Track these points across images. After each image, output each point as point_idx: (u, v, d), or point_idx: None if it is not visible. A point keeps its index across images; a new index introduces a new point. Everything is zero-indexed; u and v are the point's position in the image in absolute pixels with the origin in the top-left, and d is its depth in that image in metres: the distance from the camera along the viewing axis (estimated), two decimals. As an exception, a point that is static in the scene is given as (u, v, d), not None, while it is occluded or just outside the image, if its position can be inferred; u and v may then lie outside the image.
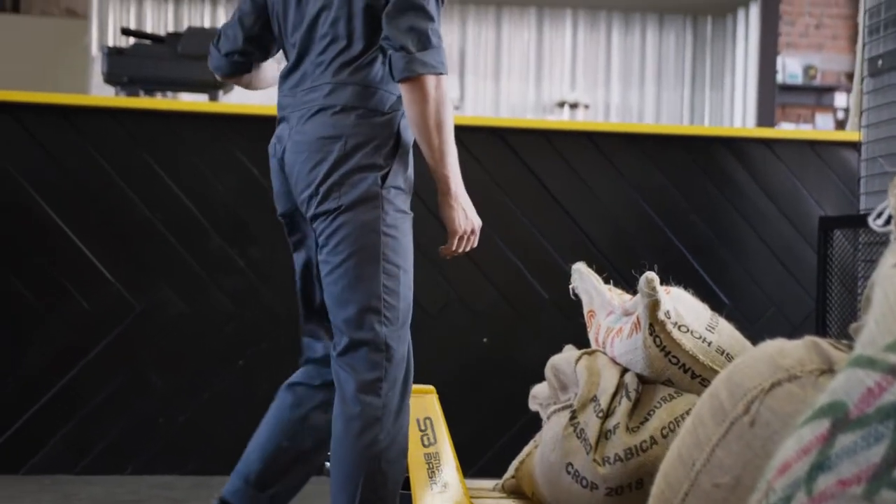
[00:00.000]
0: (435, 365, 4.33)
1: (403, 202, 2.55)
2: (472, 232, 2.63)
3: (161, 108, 4.24)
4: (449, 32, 7.74)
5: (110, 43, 7.41)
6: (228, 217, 4.22)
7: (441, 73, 2.43)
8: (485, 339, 4.37)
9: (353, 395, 2.50)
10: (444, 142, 2.48)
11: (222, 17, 7.51)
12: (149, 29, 7.52)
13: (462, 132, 4.37)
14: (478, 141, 4.39)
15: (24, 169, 4.11)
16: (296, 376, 2.75)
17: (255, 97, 6.93)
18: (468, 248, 2.66)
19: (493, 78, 7.80)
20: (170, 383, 4.18)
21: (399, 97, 2.50)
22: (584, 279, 3.10)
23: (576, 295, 3.14)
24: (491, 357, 4.38)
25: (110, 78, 4.37)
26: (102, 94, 6.67)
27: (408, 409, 2.60)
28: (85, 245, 4.14)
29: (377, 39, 2.48)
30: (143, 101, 4.20)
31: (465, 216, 2.60)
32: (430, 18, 2.44)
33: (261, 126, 4.22)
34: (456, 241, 2.61)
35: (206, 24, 7.56)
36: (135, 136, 4.17)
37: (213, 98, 4.44)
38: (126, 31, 4.52)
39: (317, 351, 2.74)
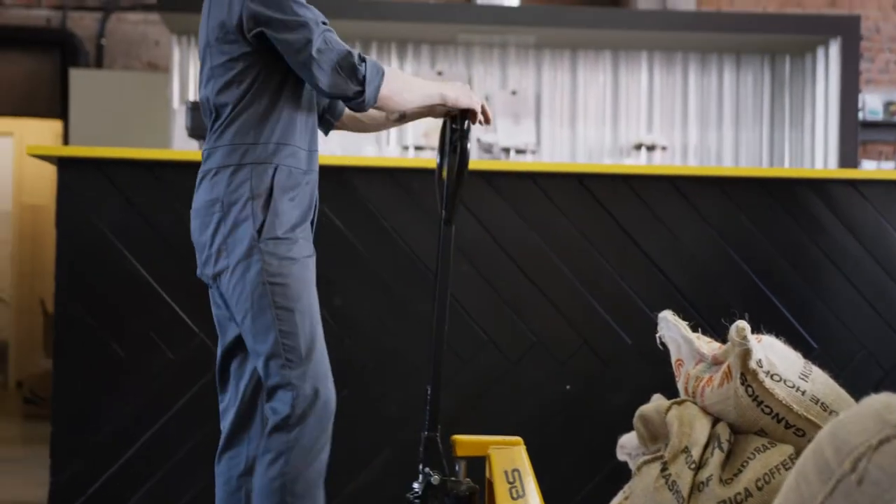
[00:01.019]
0: (516, 413, 4.30)
1: (288, 249, 2.69)
2: (481, 101, 2.91)
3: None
4: (524, 77, 7.76)
5: (191, 95, 7.54)
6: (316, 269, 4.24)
7: (384, 73, 2.68)
8: (568, 387, 4.34)
9: (266, 433, 2.71)
10: (422, 91, 2.79)
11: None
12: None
13: (540, 178, 4.38)
14: (556, 186, 4.38)
15: (111, 222, 4.18)
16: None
17: (336, 149, 7.00)
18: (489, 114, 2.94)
19: (570, 122, 7.79)
20: (255, 433, 4.20)
21: (267, 148, 2.67)
22: (671, 327, 3.07)
23: (663, 344, 3.10)
24: (574, 405, 4.34)
25: (193, 132, 4.44)
26: (185, 146, 6.79)
27: (324, 445, 2.75)
28: (170, 296, 4.19)
29: (234, 100, 2.68)
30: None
31: (469, 94, 2.87)
32: (340, 54, 2.63)
33: (341, 177, 4.26)
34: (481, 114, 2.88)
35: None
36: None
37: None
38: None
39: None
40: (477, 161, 4.27)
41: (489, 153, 7.29)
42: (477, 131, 7.71)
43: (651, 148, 7.49)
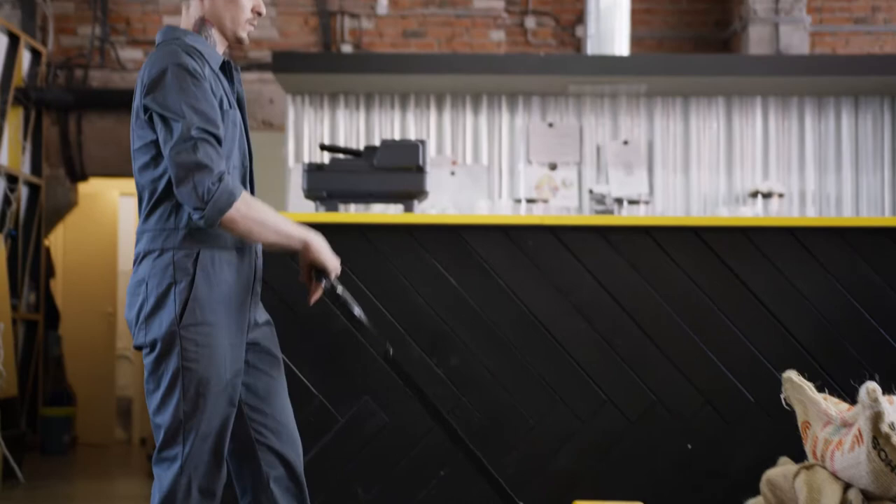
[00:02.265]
0: (637, 474, 4.22)
1: (207, 335, 2.74)
2: (336, 269, 2.95)
3: (358, 222, 4.34)
4: (636, 126, 7.71)
5: (306, 154, 7.67)
6: (428, 327, 4.25)
7: (232, 202, 2.68)
8: (689, 446, 4.24)
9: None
10: (278, 230, 2.80)
11: (412, 125, 7.70)
12: (341, 137, 7.77)
13: (656, 231, 4.32)
14: (672, 240, 4.32)
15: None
16: None
17: (447, 205, 7.03)
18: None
19: (683, 170, 7.71)
20: (374, 495, 4.20)
21: (188, 232, 2.74)
22: (796, 388, 2.99)
23: (788, 404, 3.02)
24: (696, 466, 4.24)
25: (310, 193, 4.51)
26: (301, 205, 6.89)
27: None
28: (289, 358, 4.23)
29: (158, 189, 2.75)
30: (341, 216, 4.31)
31: (332, 256, 2.93)
32: (197, 165, 2.66)
33: (456, 235, 4.27)
34: (333, 273, 2.91)
35: (397, 133, 7.76)
36: (334, 249, 4.26)
37: (409, 209, 4.52)
38: (324, 147, 4.67)
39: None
40: (590, 217, 4.24)
41: (602, 204, 7.24)
42: (588, 182, 7.67)
43: (767, 195, 7.35)
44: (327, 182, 4.48)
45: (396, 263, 4.27)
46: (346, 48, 9.16)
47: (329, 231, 4.26)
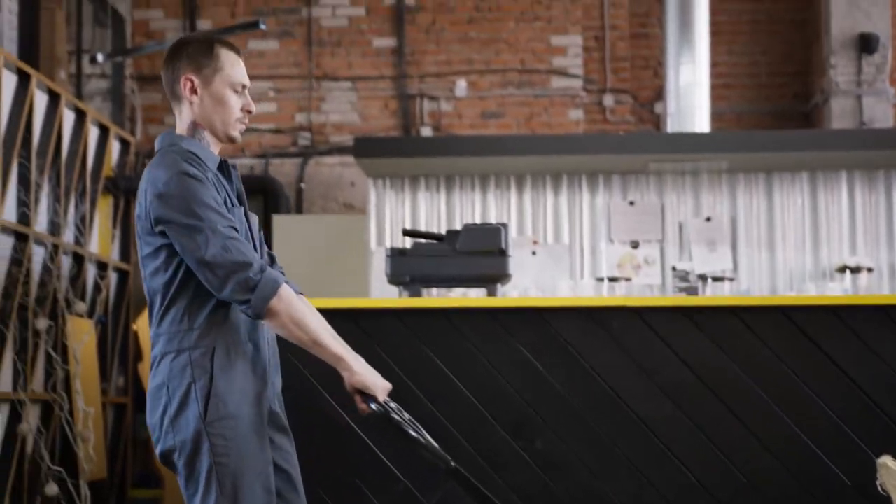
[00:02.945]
0: (732, 559, 4.11)
1: (234, 427, 2.77)
2: (384, 388, 2.91)
3: (442, 306, 4.35)
4: (718, 203, 7.65)
5: (388, 237, 7.73)
6: (512, 410, 4.22)
7: (277, 289, 2.74)
8: (784, 531, 4.13)
9: None
10: (316, 338, 2.81)
11: (492, 206, 7.74)
12: (423, 219, 7.82)
13: (743, 312, 4.26)
14: (760, 319, 4.25)
15: (314, 368, 4.27)
16: None
17: (529, 286, 7.02)
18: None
19: (768, 246, 7.61)
20: (460, 582, 4.15)
21: (202, 331, 2.79)
22: (892, 474, 2.90)
23: (884, 490, 2.93)
24: (792, 550, 4.12)
25: (394, 279, 4.54)
26: (383, 287, 6.93)
27: None
28: (373, 443, 4.23)
29: (170, 292, 2.81)
30: (425, 301, 4.33)
31: (376, 378, 2.90)
32: (236, 264, 2.73)
33: (539, 318, 4.25)
34: (380, 396, 2.89)
35: (478, 213, 7.79)
36: (417, 333, 4.28)
37: (492, 292, 4.52)
38: (407, 233, 4.70)
39: None
40: (675, 298, 4.20)
41: (685, 281, 7.17)
42: (671, 259, 7.61)
43: (856, 270, 7.21)
44: (410, 267, 4.51)
45: (480, 347, 4.26)
46: (426, 130, 9.27)
47: (413, 315, 4.28)
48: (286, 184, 9.24)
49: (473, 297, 6.18)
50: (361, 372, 2.87)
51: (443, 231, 7.42)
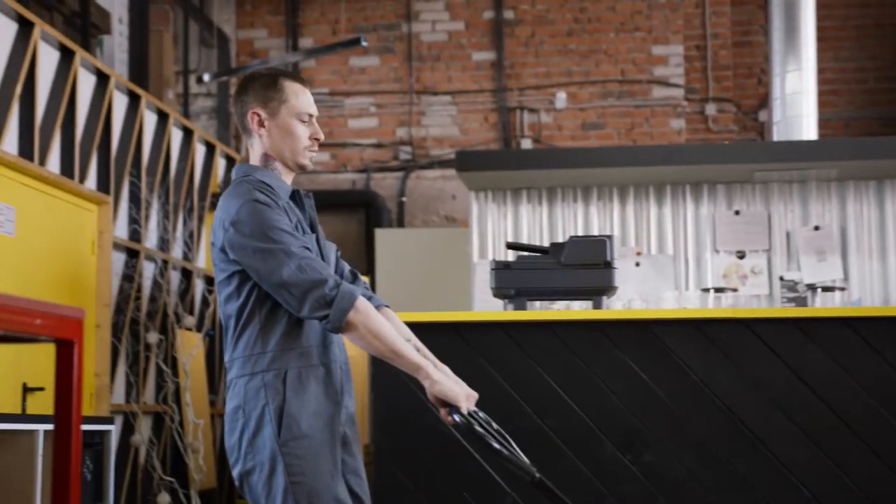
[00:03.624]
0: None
1: (308, 446, 2.83)
2: (468, 397, 2.89)
3: (548, 319, 4.33)
4: (827, 212, 7.49)
5: (490, 249, 7.74)
6: (621, 423, 4.19)
7: (353, 302, 2.78)
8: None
9: None
10: (393, 348, 2.83)
11: (595, 218, 7.70)
12: (525, 231, 7.82)
13: (857, 322, 4.16)
14: (874, 330, 4.15)
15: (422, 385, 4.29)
16: None
17: (634, 298, 6.96)
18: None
19: (880, 255, 7.42)
20: None
21: (274, 354, 2.85)
22: None
23: None
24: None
25: (498, 292, 4.53)
26: (484, 299, 6.93)
27: None
28: (480, 456, 4.23)
29: (243, 316, 2.87)
30: (531, 314, 4.32)
31: (457, 388, 2.87)
32: (312, 283, 2.78)
33: (647, 330, 4.21)
34: (463, 406, 2.86)
35: (580, 225, 7.76)
36: (523, 346, 4.28)
37: (597, 305, 4.49)
38: (511, 246, 4.70)
39: None
40: (785, 308, 4.12)
41: (794, 291, 7.03)
42: (778, 269, 7.48)
43: (972, 278, 7.00)
44: (515, 280, 4.50)
45: (586, 359, 4.24)
46: (526, 143, 9.27)
47: (518, 328, 4.28)
48: (388, 198, 9.32)
49: (576, 309, 6.15)
50: (442, 381, 2.87)
51: (545, 243, 7.42)
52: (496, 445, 2.87)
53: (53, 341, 1.75)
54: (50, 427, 4.79)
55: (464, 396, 2.87)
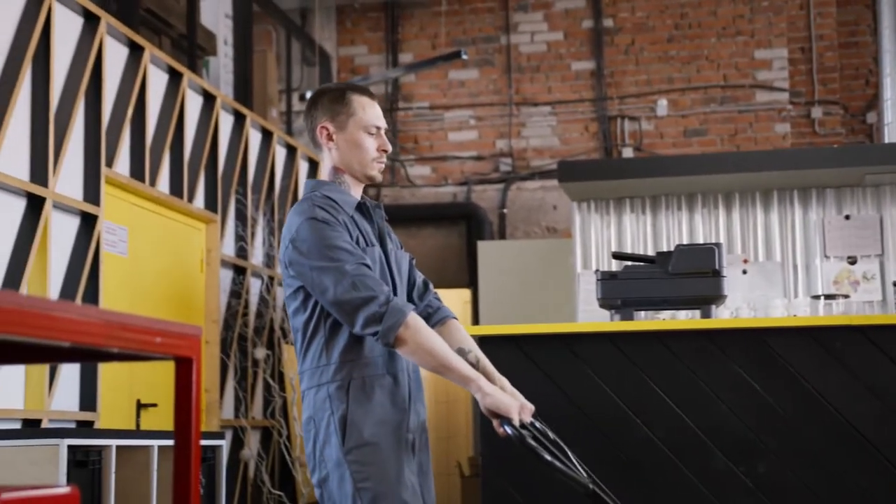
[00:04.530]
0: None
1: (372, 454, 2.89)
2: (524, 409, 2.91)
3: (655, 329, 4.28)
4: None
5: (593, 260, 7.68)
6: (733, 434, 4.12)
7: (402, 320, 2.81)
8: None
9: None
10: (443, 362, 2.86)
11: (700, 226, 7.59)
12: (628, 240, 7.75)
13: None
14: None
15: (530, 394, 4.27)
16: None
17: (742, 307, 6.84)
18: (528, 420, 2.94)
19: None
20: None
21: (338, 365, 2.92)
22: None
23: None
24: None
25: (605, 302, 4.50)
26: (589, 309, 6.89)
27: None
28: (590, 467, 4.19)
29: (309, 330, 2.95)
30: (639, 324, 4.27)
31: (508, 400, 2.88)
32: (363, 301, 2.83)
33: (758, 339, 4.14)
34: (515, 418, 2.87)
35: (685, 234, 7.66)
36: (631, 357, 4.23)
37: (706, 314, 4.42)
38: (617, 256, 4.66)
39: None
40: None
41: (909, 297, 6.84)
42: (892, 274, 7.28)
43: None
44: (622, 290, 4.46)
45: (696, 369, 4.18)
46: (627, 151, 9.19)
47: (626, 339, 4.23)
48: (489, 210, 9.33)
49: (683, 318, 6.07)
50: (493, 394, 2.88)
51: (650, 253, 7.35)
52: (548, 457, 2.86)
53: (172, 359, 1.78)
54: (163, 442, 4.89)
55: (516, 409, 2.89)
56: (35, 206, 5.14)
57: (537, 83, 9.47)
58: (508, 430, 2.85)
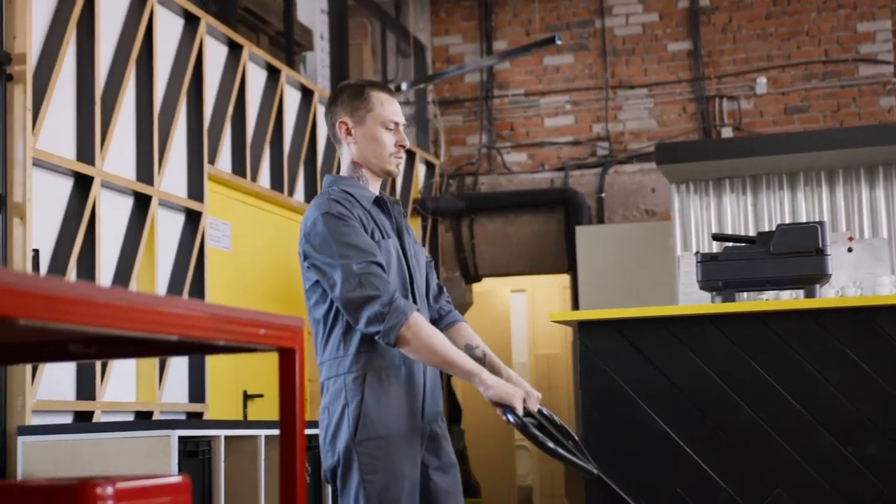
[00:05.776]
0: None
1: (382, 447, 2.94)
2: (529, 397, 2.99)
3: (758, 310, 4.23)
4: None
5: (693, 242, 7.61)
6: (840, 415, 4.05)
7: (403, 321, 2.86)
8: None
9: None
10: (445, 359, 2.93)
11: (802, 204, 7.46)
12: (729, 221, 7.65)
13: None
14: None
15: (629, 378, 4.27)
16: None
17: (848, 285, 6.72)
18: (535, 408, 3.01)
19: None
20: None
21: (354, 357, 2.97)
22: None
23: None
24: None
25: (706, 284, 4.46)
26: (689, 292, 6.82)
27: None
28: (693, 451, 4.17)
29: (328, 322, 3.00)
30: (741, 305, 4.23)
31: (510, 390, 2.95)
32: (366, 299, 2.88)
33: (864, 318, 4.06)
34: (518, 407, 2.94)
35: (787, 213, 7.54)
36: (734, 339, 4.19)
37: (810, 294, 4.35)
38: (717, 237, 4.62)
39: None
40: None
41: None
42: None
43: None
44: (723, 271, 4.42)
45: (801, 350, 4.12)
46: (726, 131, 9.07)
47: (728, 320, 4.19)
48: (586, 194, 9.29)
49: (786, 298, 5.98)
50: (496, 385, 2.96)
51: (751, 233, 7.25)
52: (551, 445, 2.92)
53: (276, 350, 1.84)
54: (270, 432, 5.00)
55: (519, 398, 2.95)
56: (142, 204, 5.28)
57: (633, 65, 9.39)
58: (510, 417, 2.93)
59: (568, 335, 9.70)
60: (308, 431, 5.35)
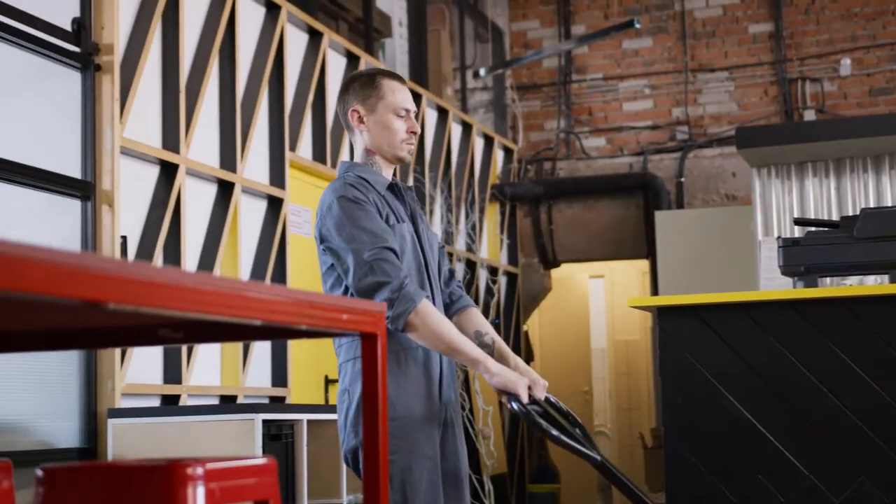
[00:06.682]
0: None
1: (401, 429, 2.96)
2: (535, 384, 3.06)
3: (841, 295, 4.18)
4: None
5: (775, 226, 7.51)
6: (925, 403, 3.99)
7: (411, 308, 2.90)
8: None
9: None
10: (451, 346, 2.98)
11: (887, 188, 7.32)
12: (811, 206, 7.54)
13: None
14: None
15: (711, 364, 4.24)
16: None
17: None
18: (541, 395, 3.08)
19: None
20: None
21: None
22: None
23: None
24: None
25: (787, 269, 4.40)
26: (770, 277, 6.74)
27: None
28: (775, 438, 4.13)
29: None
30: (825, 291, 4.18)
31: (514, 377, 3.02)
32: (377, 284, 2.93)
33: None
34: (522, 395, 3.00)
35: (871, 197, 7.41)
36: (816, 325, 4.14)
37: (895, 279, 4.28)
38: (798, 222, 4.56)
39: None
40: None
41: None
42: None
43: None
44: (805, 257, 4.36)
45: (886, 336, 4.06)
46: (809, 114, 8.92)
47: (810, 306, 4.14)
48: (666, 179, 9.21)
49: (870, 284, 5.89)
50: (500, 373, 3.01)
51: (835, 217, 7.13)
52: (554, 432, 2.94)
53: (358, 335, 1.87)
54: (353, 415, 5.05)
55: (523, 386, 3.00)
56: (225, 191, 5.37)
57: (713, 48, 9.28)
58: (514, 405, 2.97)
59: (647, 321, 9.65)
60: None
